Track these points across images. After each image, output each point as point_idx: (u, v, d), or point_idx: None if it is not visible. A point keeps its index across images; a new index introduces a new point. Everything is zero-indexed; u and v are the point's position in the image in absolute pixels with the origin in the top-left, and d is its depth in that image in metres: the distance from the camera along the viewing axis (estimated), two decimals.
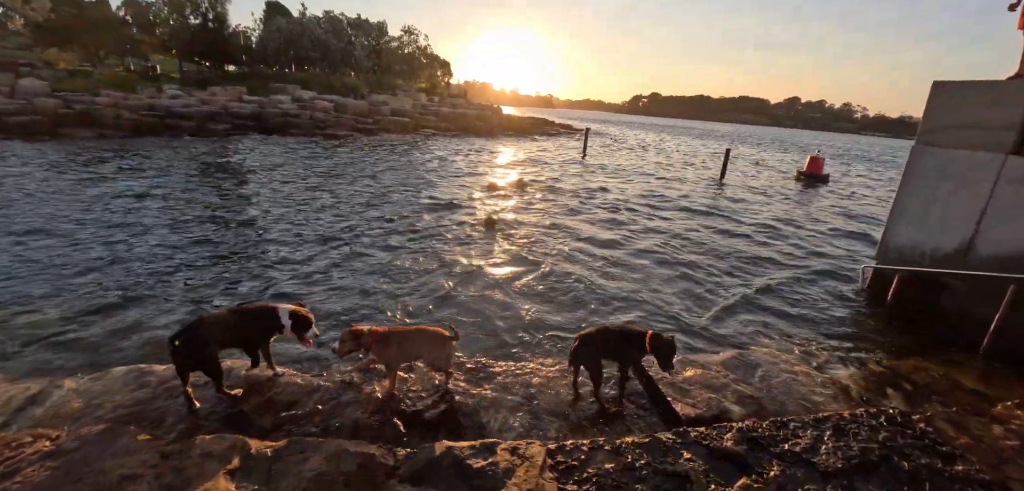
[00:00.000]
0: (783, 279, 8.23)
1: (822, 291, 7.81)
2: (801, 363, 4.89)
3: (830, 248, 10.62)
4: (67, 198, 10.92)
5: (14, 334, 5.04)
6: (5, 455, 2.43)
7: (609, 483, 2.67)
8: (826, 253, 10.14)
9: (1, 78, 27.20)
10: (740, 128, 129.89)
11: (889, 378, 4.76)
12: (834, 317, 6.79)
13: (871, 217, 14.73)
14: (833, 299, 7.48)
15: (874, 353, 5.64)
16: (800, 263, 9.27)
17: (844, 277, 8.57)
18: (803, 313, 6.87)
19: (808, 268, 8.98)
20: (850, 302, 7.41)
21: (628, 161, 27.53)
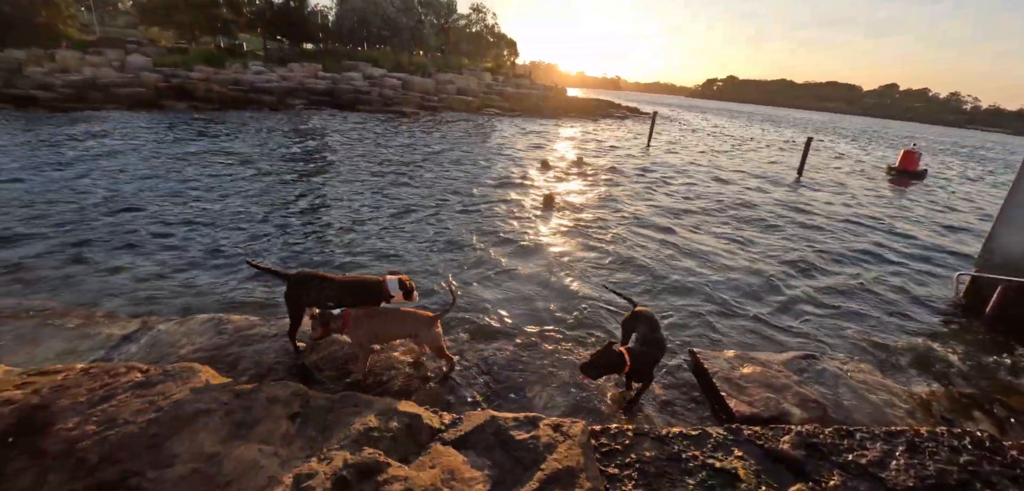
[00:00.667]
0: (862, 280, 7.57)
1: (907, 297, 7.11)
2: (876, 372, 4.51)
3: (920, 251, 9.62)
4: (166, 162, 12.10)
5: (117, 280, 5.68)
6: (104, 381, 2.77)
7: (653, 471, 2.61)
8: (915, 256, 9.20)
9: (112, 54, 30.39)
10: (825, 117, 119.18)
11: (980, 399, 4.28)
12: (919, 326, 6.16)
13: (972, 221, 13.16)
14: (920, 306, 6.79)
15: (964, 370, 5.07)
16: (883, 264, 8.48)
17: (935, 283, 7.75)
18: (883, 319, 6.29)
19: (893, 270, 8.19)
20: (940, 311, 6.70)
21: (697, 147, 26.27)
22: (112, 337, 3.65)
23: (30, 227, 7.14)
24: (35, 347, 3.56)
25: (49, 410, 2.51)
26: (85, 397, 2.56)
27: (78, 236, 6.95)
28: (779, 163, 21.98)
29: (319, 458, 2.24)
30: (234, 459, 2.22)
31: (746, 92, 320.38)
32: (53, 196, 8.75)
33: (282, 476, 2.16)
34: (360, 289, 3.50)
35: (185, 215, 8.20)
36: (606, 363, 3.14)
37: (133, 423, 2.36)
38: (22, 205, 8.07)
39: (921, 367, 5.08)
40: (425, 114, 31.64)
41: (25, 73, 24.31)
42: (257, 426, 2.45)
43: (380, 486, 2.12)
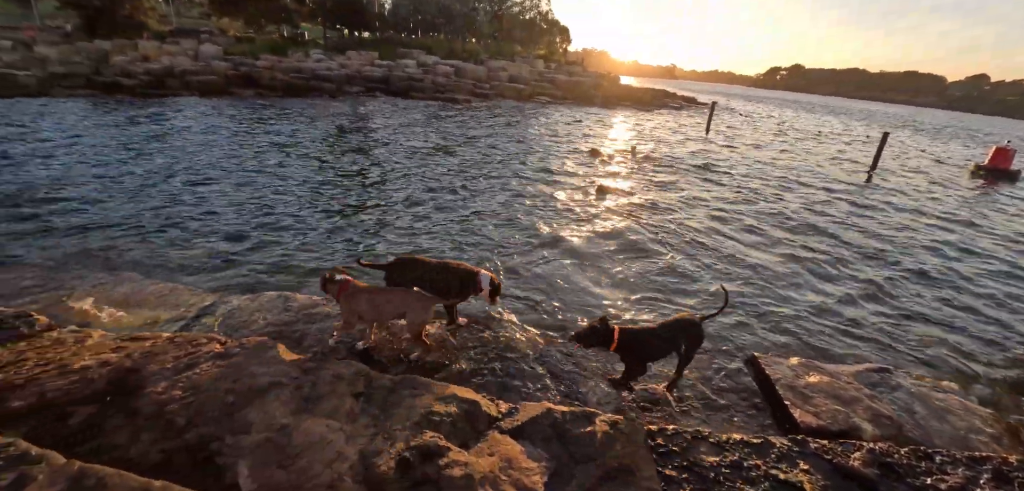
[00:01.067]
0: (945, 291, 6.99)
1: (1000, 311, 6.49)
2: (960, 392, 4.16)
3: (1015, 259, 8.75)
4: (235, 145, 12.86)
5: (192, 254, 6.10)
6: (187, 350, 2.98)
7: (712, 476, 2.53)
8: (1006, 267, 8.37)
9: (187, 43, 32.50)
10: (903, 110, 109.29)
11: None
12: (1013, 346, 5.60)
13: None
14: (1014, 323, 6.18)
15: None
16: (970, 274, 7.77)
17: None
18: (967, 335, 5.76)
19: (981, 281, 7.50)
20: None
21: (759, 140, 25.00)
22: (191, 308, 3.93)
23: (116, 203, 7.78)
24: (124, 314, 3.89)
25: (140, 374, 2.73)
26: (171, 364, 2.77)
27: (157, 212, 7.52)
28: (850, 159, 20.55)
29: (383, 437, 2.32)
30: (303, 432, 2.33)
31: (814, 82, 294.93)
32: (135, 174, 9.49)
33: (348, 452, 2.25)
34: (453, 275, 3.66)
35: (252, 195, 8.69)
36: (595, 336, 3.18)
37: (214, 391, 2.54)
38: (109, 182, 8.81)
39: (1013, 391, 4.63)
40: (476, 101, 31.86)
41: (111, 62, 26.43)
42: (323, 402, 2.57)
43: (441, 470, 2.16)
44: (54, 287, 4.29)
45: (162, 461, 2.23)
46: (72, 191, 8.28)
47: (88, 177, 9.23)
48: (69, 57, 25.78)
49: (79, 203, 7.71)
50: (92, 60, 26.24)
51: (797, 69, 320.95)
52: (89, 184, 8.78)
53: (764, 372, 3.80)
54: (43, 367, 2.70)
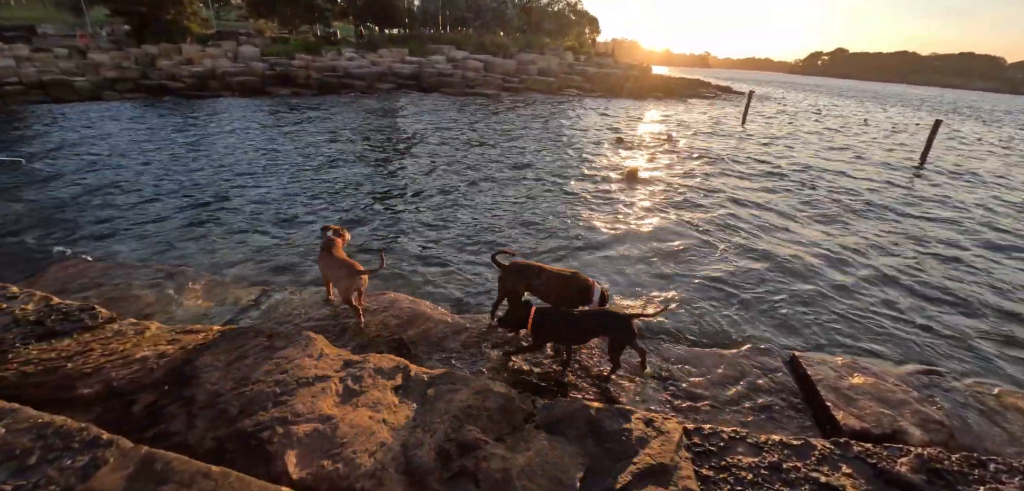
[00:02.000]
0: (1003, 288, 6.61)
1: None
2: (1018, 396, 3.94)
3: None
4: (274, 142, 13.31)
5: (238, 249, 6.37)
6: (237, 342, 3.13)
7: (750, 478, 2.50)
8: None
9: (227, 45, 33.72)
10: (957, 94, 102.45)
11: None
12: None
13: None
14: None
15: None
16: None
17: None
18: None
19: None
20: None
21: (799, 129, 24.08)
22: (238, 301, 4.12)
23: (166, 200, 8.20)
24: (177, 307, 4.11)
25: (194, 364, 2.89)
26: (223, 356, 2.92)
27: (203, 208, 7.88)
28: (898, 148, 19.58)
29: (423, 429, 2.39)
30: (347, 423, 2.43)
31: (858, 67, 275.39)
32: (182, 172, 9.97)
33: (390, 442, 2.33)
34: (568, 284, 3.73)
35: (293, 190, 9.01)
36: (515, 319, 3.34)
37: (263, 382, 2.66)
38: (159, 181, 9.28)
39: None
40: (506, 95, 31.84)
41: (157, 66, 27.69)
42: (365, 394, 2.66)
43: (479, 463, 2.22)
44: (113, 281, 4.56)
45: (216, 447, 2.36)
46: (125, 189, 8.76)
47: (140, 175, 9.74)
48: (119, 62, 27.13)
49: (132, 201, 8.16)
50: (140, 65, 27.55)
51: (840, 53, 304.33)
52: (141, 182, 9.27)
53: (805, 372, 3.70)
54: (107, 357, 2.90)
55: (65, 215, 7.48)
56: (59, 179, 9.41)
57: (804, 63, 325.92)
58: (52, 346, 3.02)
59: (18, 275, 4.91)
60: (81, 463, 1.98)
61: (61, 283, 4.48)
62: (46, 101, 21.42)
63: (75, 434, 2.10)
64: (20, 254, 6.01)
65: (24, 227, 6.95)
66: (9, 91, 21.37)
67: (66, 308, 3.46)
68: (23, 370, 2.75)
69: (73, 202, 8.06)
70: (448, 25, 56.03)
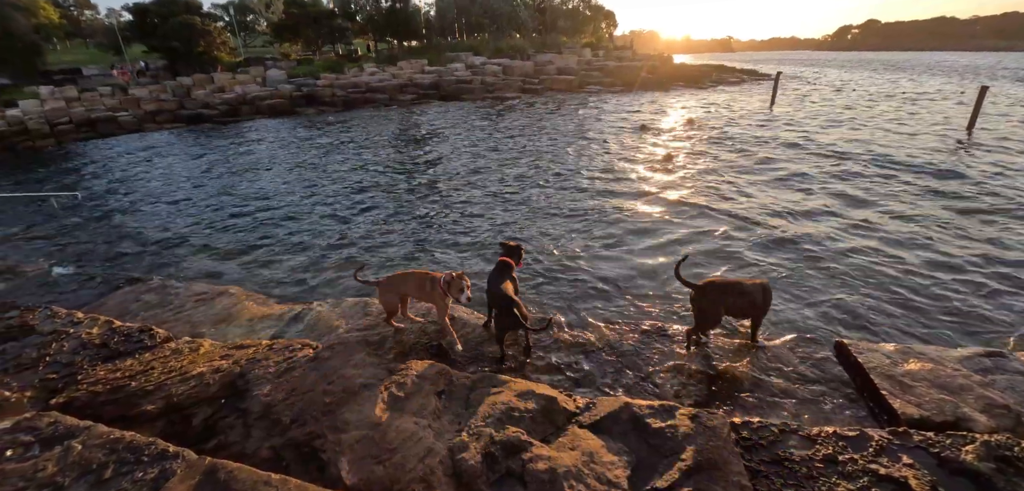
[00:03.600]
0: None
1: None
2: None
3: None
4: (304, 160, 13.74)
5: (279, 268, 6.61)
6: (285, 355, 3.25)
7: (804, 472, 2.43)
8: None
9: (255, 71, 35.05)
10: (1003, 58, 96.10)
11: None
12: None
13: None
14: None
15: None
16: None
17: None
18: None
19: None
20: None
21: (831, 107, 23.15)
22: (283, 317, 4.27)
23: (210, 223, 8.58)
24: (227, 325, 4.29)
25: (246, 378, 3.02)
26: (273, 368, 3.04)
27: (245, 230, 8.21)
28: (942, 119, 18.57)
29: (468, 433, 2.42)
30: (395, 429, 2.49)
31: (891, 38, 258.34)
32: (222, 195, 10.42)
33: (437, 447, 2.38)
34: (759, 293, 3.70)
35: (321, 205, 9.29)
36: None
37: (312, 391, 2.76)
38: (201, 204, 9.73)
39: None
40: (526, 97, 31.88)
41: (192, 96, 29.02)
42: (410, 400, 2.72)
43: (525, 464, 2.23)
44: (168, 302, 4.81)
45: (272, 456, 2.46)
46: (172, 215, 9.23)
47: (184, 201, 10.24)
48: (157, 95, 28.55)
49: (180, 226, 8.60)
50: (176, 96, 28.93)
51: (871, 25, 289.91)
52: (186, 208, 9.74)
53: (855, 360, 3.56)
54: (167, 374, 3.06)
55: (121, 244, 7.94)
56: (113, 210, 10.00)
57: (833, 38, 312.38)
58: (116, 366, 3.21)
59: (82, 302, 5.24)
60: (152, 476, 2.10)
61: (122, 307, 4.75)
62: (95, 137, 22.79)
63: (144, 448, 2.23)
64: (82, 283, 6.41)
65: (85, 257, 7.41)
66: (62, 130, 22.82)
67: (127, 330, 3.67)
68: (92, 390, 2.93)
69: (127, 231, 8.55)
70: (464, 33, 56.62)
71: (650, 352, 3.65)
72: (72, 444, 2.27)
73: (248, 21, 62.43)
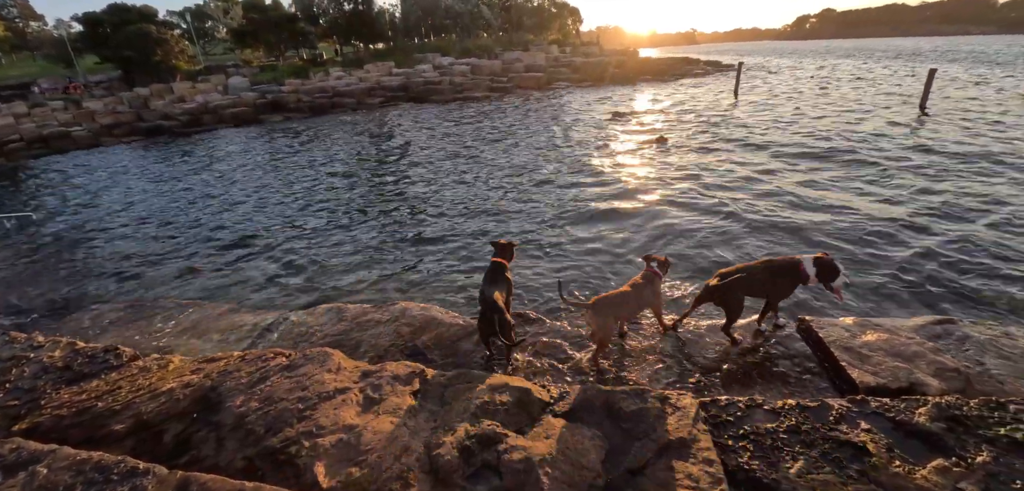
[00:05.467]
0: (1005, 231, 6.58)
1: None
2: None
3: None
4: (272, 169, 13.45)
5: (250, 280, 6.49)
6: (258, 365, 3.21)
7: (769, 443, 2.53)
8: None
9: (216, 79, 34.11)
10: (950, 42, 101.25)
11: None
12: None
13: None
14: None
15: None
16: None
17: None
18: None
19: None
20: None
21: (793, 94, 23.94)
22: (256, 328, 4.21)
23: (175, 237, 8.34)
24: (198, 339, 4.20)
25: (219, 391, 2.97)
26: (245, 379, 3.00)
27: (212, 242, 8.01)
28: (895, 102, 19.41)
29: (444, 429, 2.45)
30: (371, 430, 2.49)
31: (848, 25, 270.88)
32: (188, 208, 10.12)
33: (413, 445, 2.40)
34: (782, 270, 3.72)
35: (292, 213, 9.13)
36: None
37: (287, 400, 2.74)
38: (164, 218, 9.44)
39: None
40: (495, 96, 31.86)
41: (150, 107, 28.05)
42: (386, 401, 2.73)
43: (501, 455, 2.27)
44: (134, 320, 4.67)
45: (246, 466, 2.44)
46: (134, 231, 8.93)
47: (146, 216, 9.91)
48: (114, 108, 27.50)
49: (143, 241, 8.32)
50: (134, 108, 27.91)
51: (828, 14, 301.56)
52: (149, 222, 9.43)
53: (816, 334, 3.73)
54: (135, 393, 2.99)
55: (82, 263, 7.65)
56: (72, 228, 9.61)
57: (793, 28, 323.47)
58: (82, 388, 3.11)
59: (42, 325, 5.04)
60: None
61: (85, 328, 4.59)
62: (48, 153, 21.78)
63: (112, 467, 2.18)
64: (42, 305, 6.16)
65: (42, 279, 7.11)
66: (12, 149, 21.76)
67: (91, 351, 3.56)
68: (57, 414, 2.84)
69: (86, 249, 8.23)
70: (430, 34, 56.29)
71: (623, 341, 3.74)
72: (37, 469, 2.21)
73: (207, 28, 60.58)
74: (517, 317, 4.06)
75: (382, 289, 5.74)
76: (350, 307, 4.32)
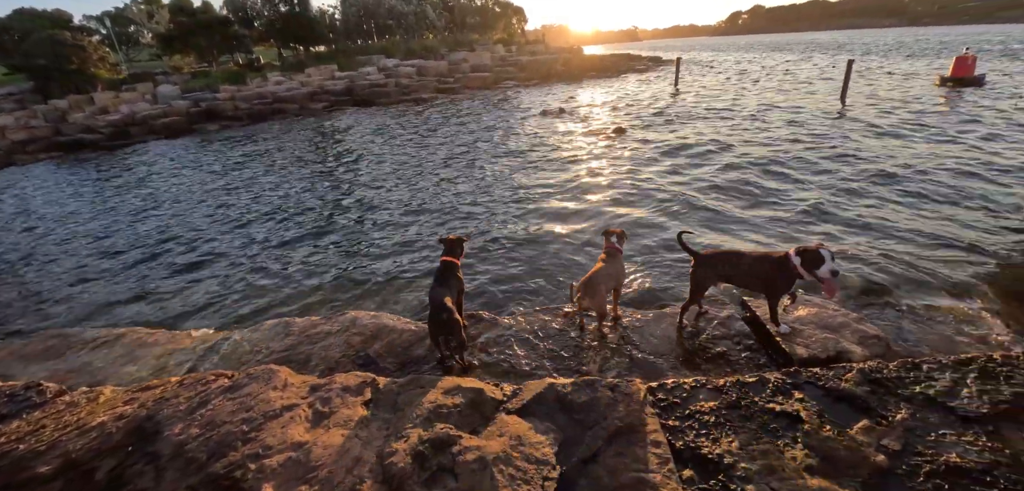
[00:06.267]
0: (919, 204, 7.21)
1: (973, 216, 6.71)
2: (944, 300, 4.35)
3: (982, 165, 9.01)
4: (209, 182, 12.75)
5: (190, 297, 6.13)
6: (198, 389, 3.05)
7: (712, 421, 2.67)
8: (977, 171, 8.63)
9: (143, 88, 31.92)
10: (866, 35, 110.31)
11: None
12: (989, 247, 5.78)
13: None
14: (988, 226, 6.39)
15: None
16: (943, 185, 8.01)
17: (1004, 199, 7.27)
18: (947, 243, 5.95)
19: (954, 190, 7.73)
20: (1012, 227, 6.28)
21: (727, 89, 25.15)
22: (196, 350, 3.99)
23: (104, 262, 7.75)
24: (132, 366, 3.94)
25: (155, 419, 2.80)
26: (184, 405, 2.85)
27: (146, 264, 7.51)
28: (819, 94, 20.81)
29: (397, 437, 2.42)
30: (321, 445, 2.43)
31: (775, 21, 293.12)
32: (116, 228, 9.43)
33: (366, 456, 2.36)
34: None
35: (230, 229, 8.69)
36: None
37: (230, 423, 2.62)
38: (91, 244, 8.75)
39: (994, 290, 4.80)
40: (443, 97, 31.54)
41: (69, 120, 25.89)
42: (336, 414, 2.67)
43: (455, 457, 2.28)
44: (60, 352, 4.32)
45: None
46: (54, 256, 8.22)
47: (69, 239, 9.15)
48: (27, 122, 25.21)
49: (65, 267, 7.68)
50: (50, 121, 25.69)
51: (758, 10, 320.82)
52: (71, 246, 8.72)
53: (754, 315, 3.95)
54: (62, 430, 2.77)
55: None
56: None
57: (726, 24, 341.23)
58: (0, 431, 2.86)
59: None
60: None
61: (1, 366, 4.20)
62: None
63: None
64: None
65: None
66: None
67: (10, 390, 3.27)
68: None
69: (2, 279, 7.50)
70: (374, 35, 54.98)
71: (574, 332, 3.82)
72: None
73: (130, 33, 56.36)
74: (470, 318, 4.06)
75: (331, 300, 5.57)
76: (297, 321, 4.17)
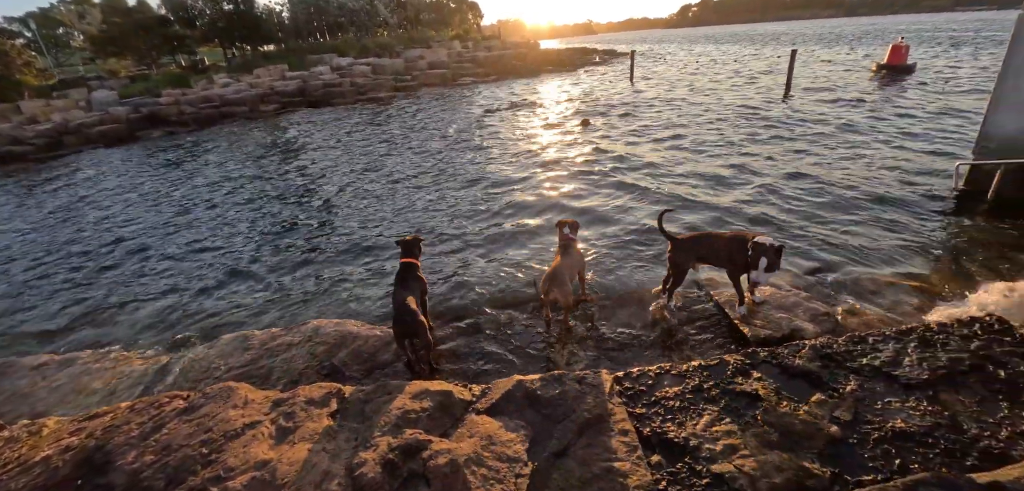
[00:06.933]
0: (861, 187, 7.63)
1: (909, 194, 7.14)
2: (884, 274, 4.63)
3: (916, 147, 9.63)
4: (154, 193, 12.09)
5: (138, 316, 5.81)
6: (151, 414, 2.90)
7: (677, 405, 2.75)
8: (911, 153, 9.22)
9: (76, 94, 29.84)
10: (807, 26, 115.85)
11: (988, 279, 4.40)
12: (923, 223, 6.19)
13: (967, 108, 13.08)
14: (921, 203, 6.81)
15: (970, 258, 5.15)
16: (880, 168, 8.52)
17: (935, 178, 7.79)
18: (887, 221, 6.32)
19: (891, 172, 8.24)
20: (942, 205, 6.74)
21: (680, 80, 25.85)
22: (147, 372, 3.79)
23: (42, 285, 7.23)
24: (78, 395, 3.70)
25: (106, 449, 2.65)
26: (137, 431, 2.70)
27: (91, 283, 7.05)
28: (765, 81, 21.71)
29: (365, 446, 2.38)
30: (287, 462, 2.36)
31: (723, 13, 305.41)
32: (53, 246, 8.82)
33: (334, 468, 2.30)
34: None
35: (182, 241, 8.27)
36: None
37: (187, 446, 2.51)
38: (26, 266, 8.14)
39: (928, 262, 5.14)
40: (401, 95, 30.96)
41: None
42: (301, 428, 2.59)
43: (426, 462, 2.26)
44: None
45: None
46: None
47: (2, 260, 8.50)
48: None
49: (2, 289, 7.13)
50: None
51: (706, 3, 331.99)
52: (7, 267, 8.10)
53: (714, 299, 4.10)
54: (2, 469, 2.58)
55: None
56: None
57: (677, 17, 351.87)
58: None
59: None
60: None
61: None
62: None
63: None
64: None
65: None
66: None
67: None
68: None
69: None
70: (326, 34, 53.27)
71: (541, 327, 3.86)
72: None
73: (58, 36, 52.44)
74: (435, 318, 4.03)
75: (292, 310, 5.39)
76: (257, 334, 4.02)
